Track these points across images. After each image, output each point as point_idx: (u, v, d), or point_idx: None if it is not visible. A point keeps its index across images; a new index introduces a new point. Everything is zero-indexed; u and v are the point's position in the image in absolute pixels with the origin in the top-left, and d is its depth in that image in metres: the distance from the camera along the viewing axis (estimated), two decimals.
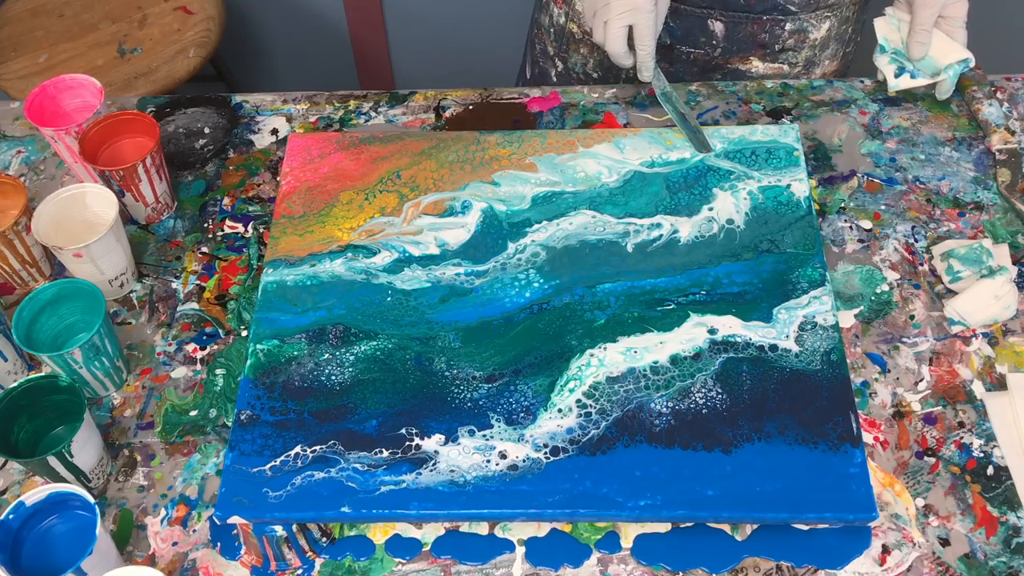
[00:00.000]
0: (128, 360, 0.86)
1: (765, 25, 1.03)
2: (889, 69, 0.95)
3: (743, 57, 1.05)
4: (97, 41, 1.64)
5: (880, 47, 0.96)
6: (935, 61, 0.93)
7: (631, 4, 0.88)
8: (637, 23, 0.89)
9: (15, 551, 0.70)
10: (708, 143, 0.93)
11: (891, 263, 0.89)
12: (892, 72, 0.95)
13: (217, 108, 1.05)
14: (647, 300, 0.83)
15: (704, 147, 0.93)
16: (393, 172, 0.93)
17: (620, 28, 0.90)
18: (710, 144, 0.93)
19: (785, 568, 0.73)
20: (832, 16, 1.04)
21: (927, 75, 0.94)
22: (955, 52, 0.93)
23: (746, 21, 1.03)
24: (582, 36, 1.10)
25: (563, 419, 0.77)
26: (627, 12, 0.89)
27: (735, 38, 1.04)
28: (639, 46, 0.91)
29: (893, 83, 0.95)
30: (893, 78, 0.95)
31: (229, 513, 0.74)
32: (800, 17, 1.03)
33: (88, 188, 0.88)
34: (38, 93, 0.94)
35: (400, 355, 0.81)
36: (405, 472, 0.75)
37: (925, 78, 0.94)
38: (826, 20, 1.04)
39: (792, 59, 1.06)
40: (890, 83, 0.95)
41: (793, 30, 1.04)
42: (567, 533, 0.75)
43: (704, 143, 0.93)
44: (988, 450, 0.78)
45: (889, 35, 0.95)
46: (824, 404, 0.77)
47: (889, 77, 0.95)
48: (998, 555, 0.73)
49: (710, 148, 0.93)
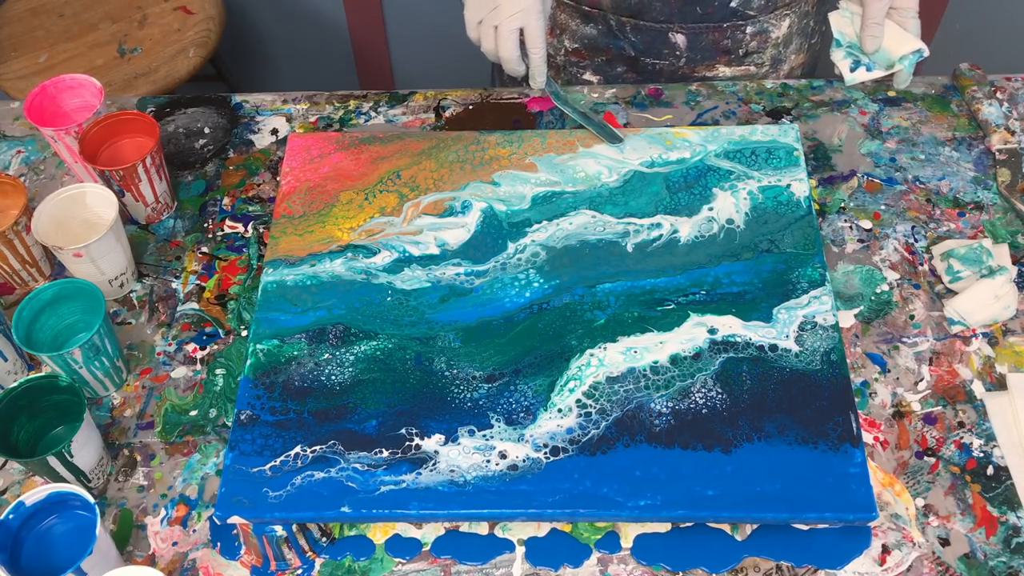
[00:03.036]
0: (128, 360, 0.86)
1: (726, 32, 1.03)
2: (844, 64, 0.94)
3: (708, 65, 1.06)
4: (97, 41, 1.64)
5: (836, 41, 0.94)
6: (889, 53, 0.92)
7: (521, 5, 0.85)
8: (528, 25, 0.86)
9: (15, 551, 0.70)
10: (616, 134, 0.94)
11: (891, 263, 0.89)
12: (847, 67, 0.94)
13: (217, 108, 1.05)
14: (647, 300, 0.83)
15: (614, 138, 0.94)
16: (393, 172, 0.93)
17: (512, 32, 0.86)
18: (620, 135, 0.94)
19: (785, 568, 0.73)
20: (791, 13, 1.04)
21: (882, 67, 0.93)
22: (908, 43, 0.91)
23: (707, 31, 1.03)
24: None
25: (563, 419, 0.77)
26: (518, 14, 0.85)
27: (698, 47, 1.04)
28: (531, 50, 0.88)
29: (849, 77, 0.93)
30: (849, 72, 0.93)
31: (229, 513, 0.74)
32: (759, 20, 1.03)
33: (88, 188, 0.88)
34: (38, 93, 0.94)
35: (400, 355, 0.81)
36: (405, 472, 0.75)
37: (881, 70, 0.93)
38: (786, 18, 1.04)
39: (758, 60, 1.06)
40: (846, 77, 0.93)
41: (754, 32, 1.04)
42: (567, 533, 0.75)
43: (613, 134, 0.94)
44: (988, 450, 0.78)
45: (844, 29, 0.94)
46: (824, 404, 0.77)
47: (845, 72, 0.94)
48: (998, 555, 0.73)
49: (620, 138, 0.94)
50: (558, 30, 1.08)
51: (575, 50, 1.08)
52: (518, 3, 0.85)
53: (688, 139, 0.94)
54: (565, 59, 1.10)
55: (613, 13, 1.03)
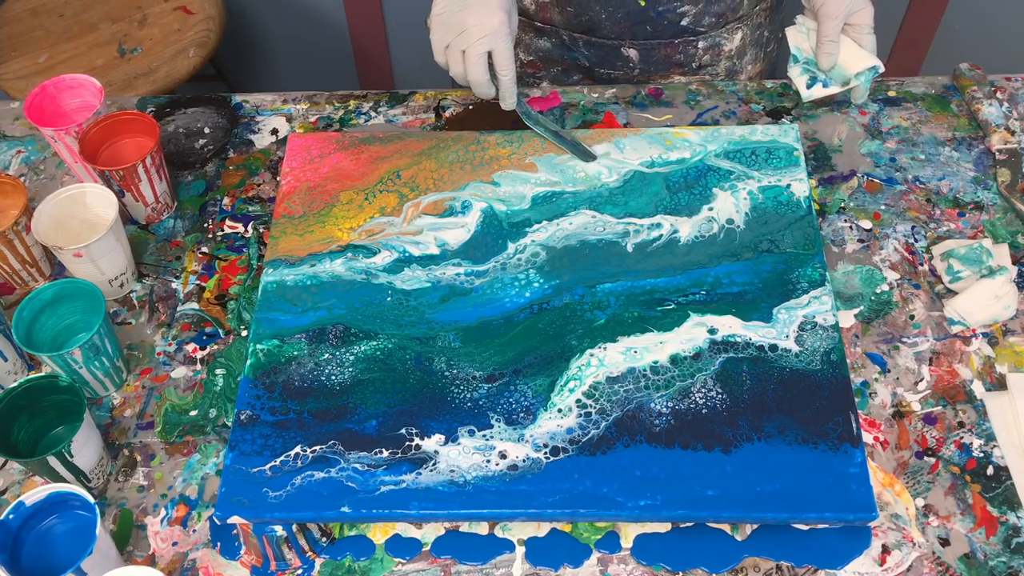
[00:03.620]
0: (128, 360, 0.86)
1: (678, 48, 1.04)
2: (801, 80, 0.95)
3: (663, 75, 1.06)
4: (97, 41, 1.64)
5: (793, 56, 0.95)
6: (844, 70, 0.93)
7: (488, 28, 0.84)
8: (497, 48, 0.86)
9: (15, 551, 0.70)
10: (590, 151, 0.93)
11: (891, 263, 0.89)
12: (804, 83, 0.95)
13: (217, 108, 1.05)
14: (647, 300, 0.83)
15: (588, 156, 0.93)
16: (393, 172, 0.93)
17: (480, 55, 0.86)
18: (593, 152, 0.93)
19: (785, 568, 0.73)
20: (743, 26, 1.05)
21: (839, 84, 0.94)
22: (864, 60, 0.92)
23: (658, 46, 1.03)
24: None
25: (563, 419, 0.77)
26: (486, 37, 0.85)
27: (651, 60, 1.05)
28: (501, 73, 0.88)
29: (806, 94, 0.94)
30: (805, 89, 0.94)
31: (229, 513, 0.74)
32: (711, 35, 1.03)
33: (88, 188, 0.88)
34: (38, 93, 0.94)
35: (400, 355, 0.81)
36: (405, 472, 0.75)
37: (837, 87, 0.94)
38: (738, 31, 1.05)
39: (712, 71, 1.07)
40: (803, 94, 0.94)
41: (707, 47, 1.04)
42: (567, 533, 0.75)
43: (586, 152, 0.93)
44: (988, 450, 0.78)
45: (801, 44, 0.95)
46: (824, 404, 0.77)
47: (801, 88, 0.95)
48: (998, 555, 0.73)
49: (593, 156, 0.93)
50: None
51: (530, 62, 1.09)
52: (486, 27, 0.84)
53: (688, 139, 0.94)
54: (521, 70, 1.10)
55: (565, 29, 1.04)
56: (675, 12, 1.00)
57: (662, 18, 1.00)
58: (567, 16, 1.03)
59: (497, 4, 0.85)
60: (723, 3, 1.01)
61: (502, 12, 0.85)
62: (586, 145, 0.93)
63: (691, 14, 1.00)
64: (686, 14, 1.00)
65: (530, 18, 1.06)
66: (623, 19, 1.01)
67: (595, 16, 1.01)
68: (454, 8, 0.85)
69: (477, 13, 0.84)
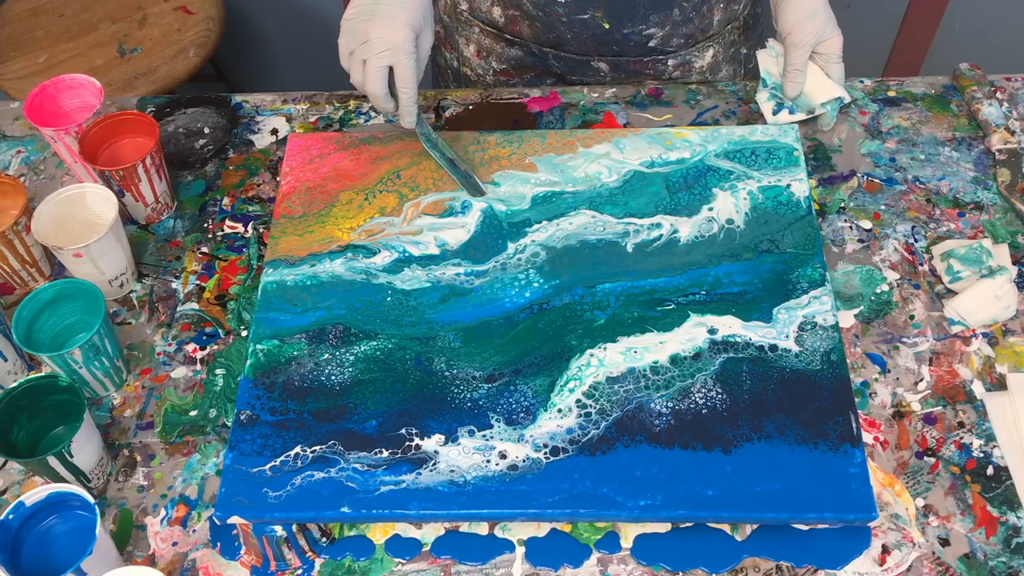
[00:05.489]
0: (128, 360, 0.86)
1: (648, 65, 1.04)
2: (767, 106, 0.96)
3: (636, 82, 1.06)
4: (97, 41, 1.64)
5: (762, 80, 0.96)
6: (809, 100, 0.94)
7: (390, 43, 0.83)
8: (397, 64, 0.84)
9: (15, 551, 0.70)
10: (480, 187, 0.91)
11: (891, 263, 0.89)
12: (770, 109, 0.96)
13: (217, 108, 1.05)
14: (647, 300, 0.83)
15: (477, 191, 0.91)
16: (393, 172, 0.93)
17: (379, 68, 0.84)
18: (482, 188, 0.91)
19: (785, 568, 0.73)
20: (714, 44, 1.05)
21: (804, 112, 0.95)
22: (830, 90, 0.93)
23: (627, 63, 1.03)
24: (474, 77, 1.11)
25: (563, 419, 0.77)
26: (386, 52, 0.83)
27: (623, 71, 1.05)
28: (400, 90, 0.85)
29: (772, 119, 0.95)
30: (771, 115, 0.96)
31: (229, 513, 0.74)
32: (680, 54, 1.03)
33: (88, 188, 0.88)
34: (38, 93, 0.94)
35: (400, 355, 0.81)
36: (405, 472, 0.75)
37: (802, 114, 0.95)
38: (709, 49, 1.05)
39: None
40: (768, 119, 0.95)
41: (677, 64, 1.05)
42: (567, 533, 0.75)
43: (476, 187, 0.91)
44: (988, 450, 0.78)
45: (771, 68, 0.96)
46: (824, 404, 0.77)
47: (767, 113, 0.96)
48: (998, 555, 0.73)
49: (483, 192, 0.91)
50: (484, 52, 1.09)
51: (503, 70, 1.09)
52: (388, 41, 0.83)
53: (688, 139, 0.94)
54: (495, 79, 1.10)
55: (534, 43, 1.04)
56: (641, 34, 1.00)
57: (628, 40, 1.00)
58: (536, 31, 1.02)
59: (404, 20, 0.83)
60: (692, 24, 1.00)
61: (408, 29, 0.83)
62: (478, 179, 0.91)
63: (658, 36, 1.00)
64: (653, 36, 1.00)
65: (500, 30, 1.06)
66: (589, 39, 1.01)
67: (561, 34, 1.01)
68: (362, 15, 0.84)
69: (382, 26, 0.83)
